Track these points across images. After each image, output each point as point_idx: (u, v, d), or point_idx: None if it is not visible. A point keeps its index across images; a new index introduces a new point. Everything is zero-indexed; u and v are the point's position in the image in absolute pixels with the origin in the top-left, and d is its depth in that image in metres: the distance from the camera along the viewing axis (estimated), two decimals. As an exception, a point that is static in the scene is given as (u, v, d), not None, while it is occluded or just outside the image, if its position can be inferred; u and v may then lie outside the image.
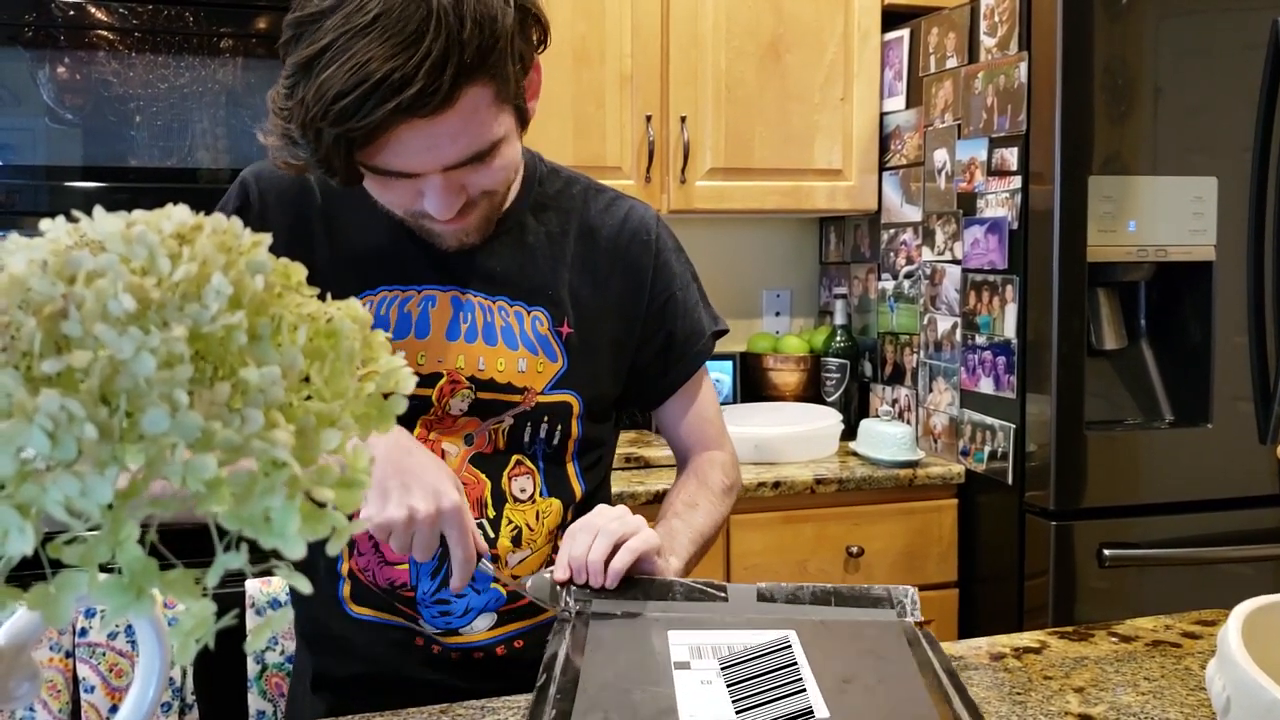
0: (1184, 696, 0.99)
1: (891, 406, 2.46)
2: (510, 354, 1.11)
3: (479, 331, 1.11)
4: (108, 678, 1.54)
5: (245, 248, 0.39)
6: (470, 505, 1.09)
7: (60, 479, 0.32)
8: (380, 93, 0.84)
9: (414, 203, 0.98)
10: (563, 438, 1.14)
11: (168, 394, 0.34)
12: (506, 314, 1.12)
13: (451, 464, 1.10)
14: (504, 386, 1.11)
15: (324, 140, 0.86)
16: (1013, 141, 2.04)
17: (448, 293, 1.11)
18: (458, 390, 1.10)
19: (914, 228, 2.37)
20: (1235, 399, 2.05)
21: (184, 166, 1.93)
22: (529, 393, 1.12)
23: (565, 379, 1.13)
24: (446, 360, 1.09)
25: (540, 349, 1.13)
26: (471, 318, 1.11)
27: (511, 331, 1.12)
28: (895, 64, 2.42)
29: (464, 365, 1.10)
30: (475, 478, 1.11)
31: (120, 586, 0.35)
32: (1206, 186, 2.01)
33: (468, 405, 1.10)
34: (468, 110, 0.90)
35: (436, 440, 1.10)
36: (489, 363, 1.11)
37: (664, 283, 1.20)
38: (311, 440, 0.36)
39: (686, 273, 1.24)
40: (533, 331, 1.13)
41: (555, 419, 1.13)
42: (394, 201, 0.99)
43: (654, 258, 1.19)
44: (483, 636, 1.10)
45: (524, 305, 1.13)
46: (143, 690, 0.46)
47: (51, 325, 0.34)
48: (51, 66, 1.86)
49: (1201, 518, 2.04)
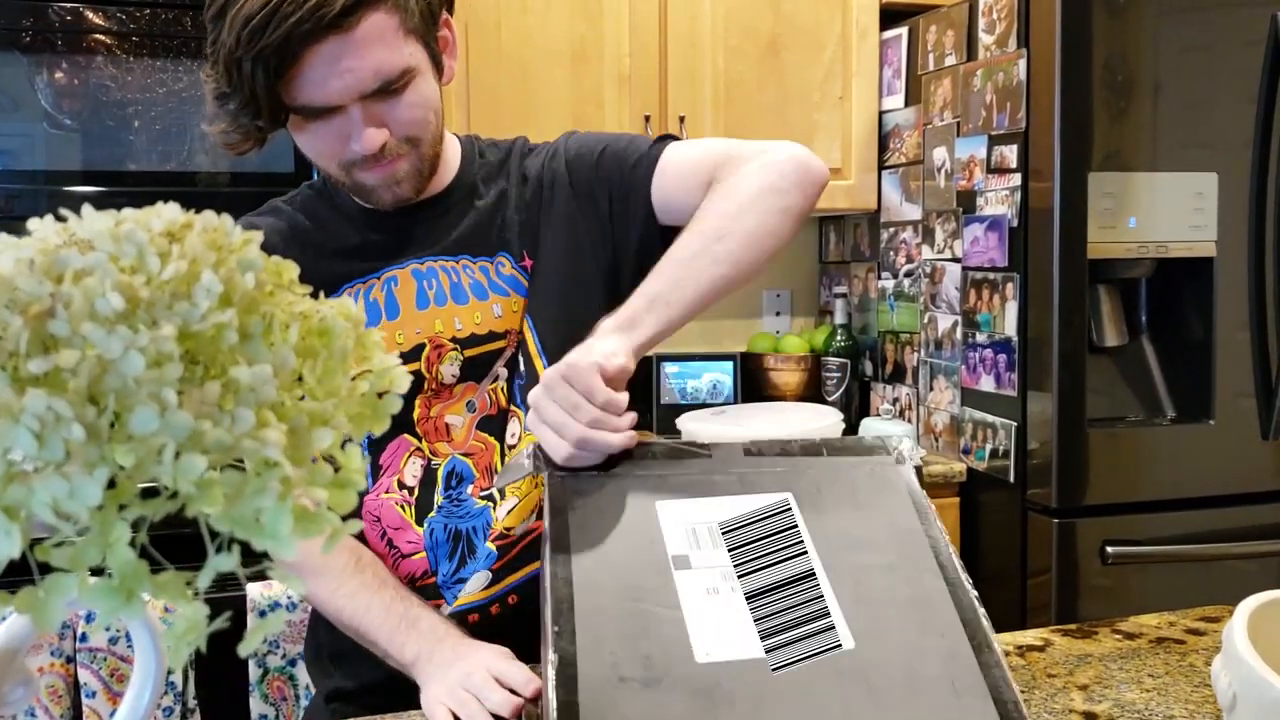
0: (1189, 693, 0.99)
1: (892, 405, 2.45)
2: (482, 304, 1.12)
3: (448, 294, 1.12)
4: (109, 682, 1.54)
5: (236, 245, 0.39)
6: (480, 474, 1.11)
7: (48, 480, 0.32)
8: (283, 11, 0.92)
9: (342, 149, 1.02)
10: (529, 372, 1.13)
11: (157, 393, 0.33)
12: (471, 270, 1.14)
13: (458, 435, 1.11)
14: (485, 336, 1.12)
15: (244, 74, 0.94)
16: (1012, 139, 2.03)
17: (406, 268, 1.13)
18: (444, 354, 1.11)
19: (914, 226, 2.36)
20: (1237, 395, 2.04)
21: (182, 170, 1.93)
22: (511, 334, 1.13)
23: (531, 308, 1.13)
24: (424, 330, 1.11)
25: (511, 289, 1.14)
26: (437, 283, 1.12)
27: (480, 286, 1.13)
28: (894, 62, 2.41)
29: (442, 329, 1.11)
30: (484, 443, 1.12)
31: (110, 590, 0.34)
32: (1207, 182, 2.01)
33: (459, 369, 1.11)
34: (372, 35, 0.97)
35: (439, 415, 1.11)
36: (465, 320, 1.12)
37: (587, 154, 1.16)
38: (304, 440, 0.36)
39: (602, 136, 1.19)
40: (499, 276, 1.14)
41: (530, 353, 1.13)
42: (323, 151, 1.04)
43: (565, 151, 1.17)
44: (478, 596, 1.10)
45: (486, 258, 1.14)
46: (138, 694, 0.45)
47: (39, 325, 0.34)
48: (49, 72, 1.86)
49: (1204, 514, 2.03)
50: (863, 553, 0.81)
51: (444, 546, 1.10)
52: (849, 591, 0.77)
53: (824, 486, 0.87)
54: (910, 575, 0.80)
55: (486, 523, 1.10)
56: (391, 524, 1.11)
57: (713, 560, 0.79)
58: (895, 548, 0.82)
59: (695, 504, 0.83)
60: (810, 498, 0.84)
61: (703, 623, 0.74)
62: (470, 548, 1.11)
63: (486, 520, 1.10)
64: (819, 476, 0.88)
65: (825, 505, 0.85)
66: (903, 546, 0.82)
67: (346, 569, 1.08)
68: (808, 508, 0.84)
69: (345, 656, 1.14)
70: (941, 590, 0.78)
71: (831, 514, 0.84)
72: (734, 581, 0.78)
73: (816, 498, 0.85)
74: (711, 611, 0.75)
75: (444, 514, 1.11)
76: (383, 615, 1.05)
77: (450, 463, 1.11)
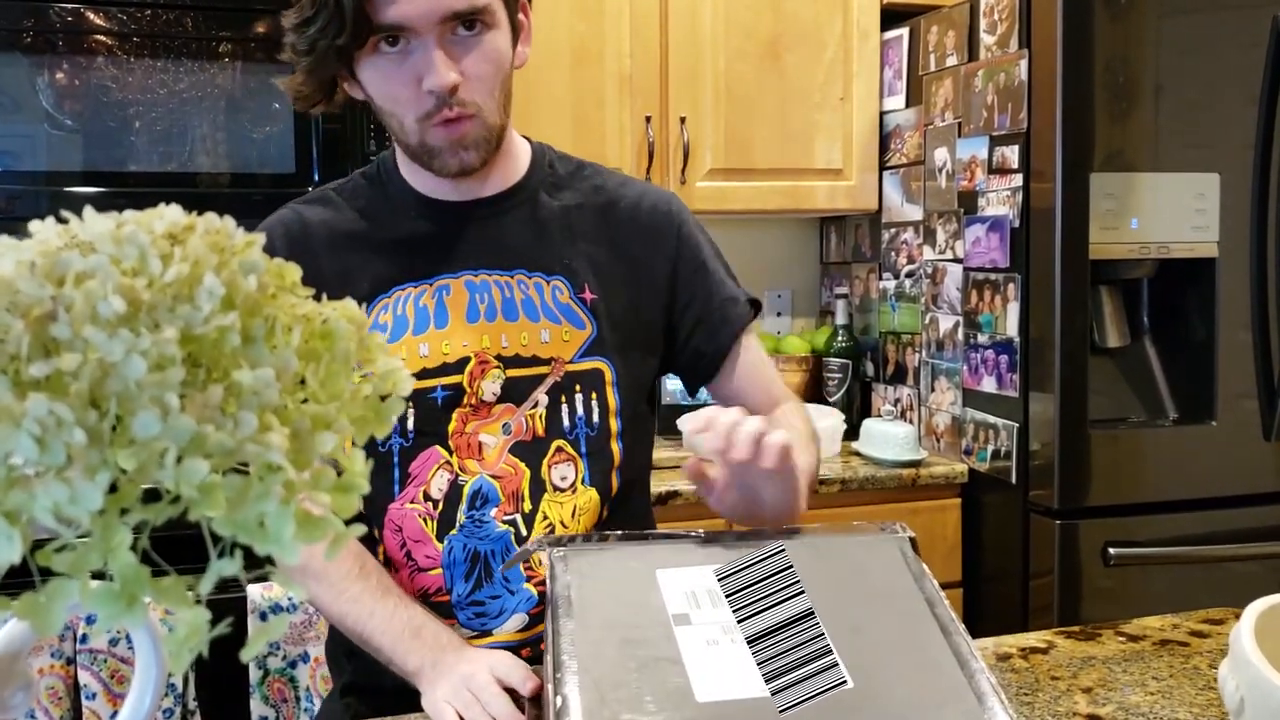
0: (1193, 696, 0.99)
1: (894, 406, 2.45)
2: (532, 326, 1.11)
3: (499, 309, 1.11)
4: (109, 684, 1.54)
5: (238, 247, 0.38)
6: (506, 499, 1.10)
7: (49, 485, 0.32)
8: None
9: (415, 92, 1.03)
10: (602, 412, 1.13)
11: (159, 397, 0.33)
12: (525, 286, 1.12)
13: (490, 456, 1.10)
14: (530, 360, 1.11)
15: None
16: (1013, 139, 2.03)
17: (460, 278, 1.12)
18: (488, 371, 1.10)
19: (915, 227, 2.36)
20: (1239, 396, 2.04)
21: (184, 171, 1.93)
22: (557, 362, 1.11)
23: (595, 345, 1.13)
24: (471, 344, 1.10)
25: (564, 318, 1.12)
26: (489, 297, 1.11)
27: (532, 304, 1.12)
28: (895, 63, 2.41)
29: (489, 344, 1.10)
30: (514, 468, 1.10)
31: (112, 595, 0.34)
32: (1209, 183, 2.00)
33: (500, 387, 1.10)
34: None
35: (474, 433, 1.10)
36: (512, 339, 1.11)
37: (691, 251, 1.20)
38: (307, 443, 0.36)
39: (711, 246, 1.23)
40: (554, 301, 1.13)
41: (589, 388, 1.12)
42: (397, 95, 1.04)
43: (677, 228, 1.20)
44: (513, 637, 1.10)
45: (542, 275, 1.13)
46: (139, 698, 0.45)
47: (40, 328, 0.33)
48: (50, 72, 1.86)
49: (1206, 515, 2.03)
50: (857, 602, 0.82)
51: (461, 566, 1.09)
52: (845, 634, 0.78)
53: (819, 546, 0.89)
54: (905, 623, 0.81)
55: (507, 547, 1.09)
56: (412, 536, 1.10)
57: (713, 618, 0.81)
58: (890, 598, 0.84)
59: (693, 570, 0.86)
60: (803, 555, 0.87)
61: (704, 668, 0.76)
62: (487, 571, 1.09)
63: (507, 544, 1.09)
64: (814, 541, 0.91)
65: (819, 561, 0.87)
66: (897, 598, 0.83)
67: (350, 574, 1.07)
68: (802, 561, 0.86)
69: (359, 653, 1.14)
70: (936, 632, 0.79)
71: (825, 568, 0.86)
72: (735, 634, 0.79)
73: (811, 555, 0.87)
74: (713, 659, 0.77)
75: (465, 533, 1.09)
76: (386, 622, 1.04)
77: (477, 482, 1.10)
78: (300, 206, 1.17)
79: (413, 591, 1.10)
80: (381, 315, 1.10)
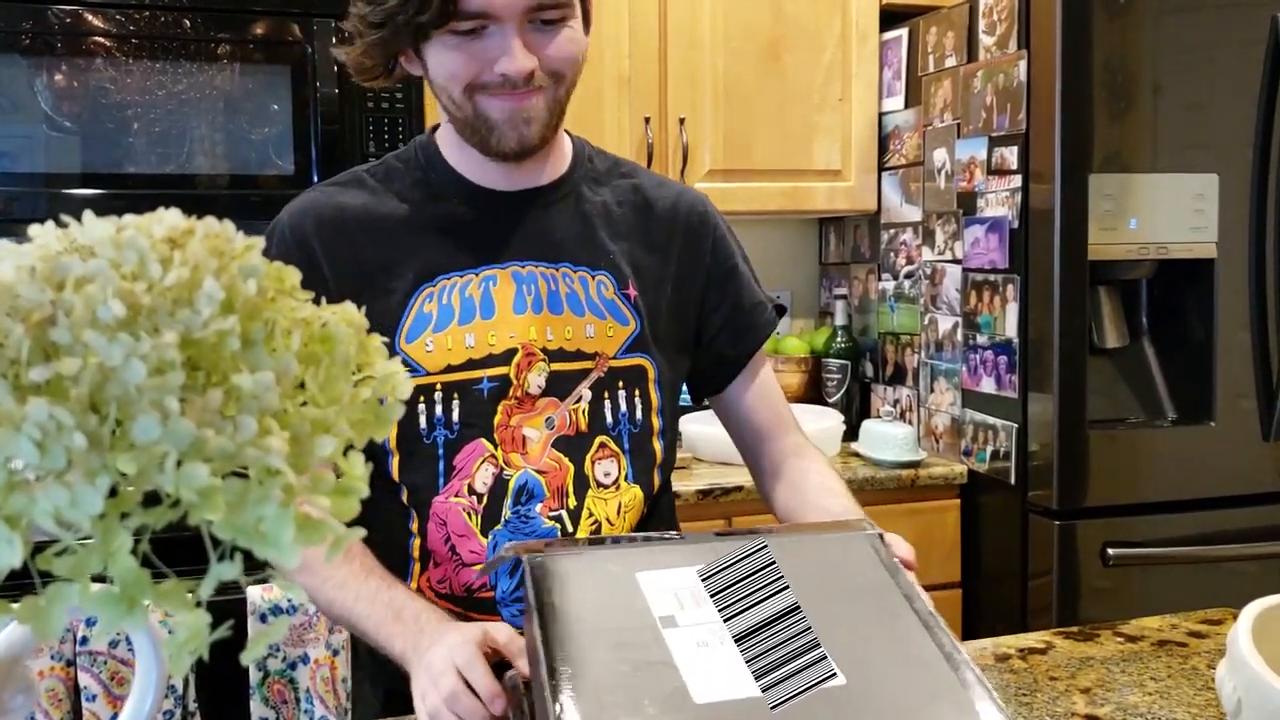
0: (1191, 696, 0.99)
1: (893, 407, 2.45)
2: (577, 320, 1.11)
3: (544, 302, 1.10)
4: (109, 686, 1.54)
5: (238, 251, 0.38)
6: (551, 495, 1.09)
7: (49, 489, 0.32)
8: None
9: (481, 70, 1.01)
10: (645, 409, 1.13)
11: (159, 401, 0.33)
12: (570, 280, 1.12)
13: (534, 450, 1.09)
14: (574, 354, 1.10)
15: None
16: (1012, 140, 2.03)
17: (507, 269, 1.11)
18: (534, 364, 1.09)
19: (914, 227, 2.36)
20: (1238, 396, 2.04)
21: (182, 173, 1.93)
22: (601, 358, 1.11)
23: (638, 342, 1.13)
24: (518, 335, 1.09)
25: (608, 313, 1.12)
26: (535, 289, 1.10)
27: (576, 298, 1.12)
28: (894, 63, 2.41)
29: (535, 337, 1.09)
30: (558, 463, 1.09)
31: (112, 598, 0.34)
32: (1207, 183, 2.00)
33: (545, 380, 1.09)
34: None
35: (518, 426, 1.09)
36: (557, 332, 1.10)
37: (725, 253, 1.21)
38: (306, 447, 0.36)
39: (741, 250, 1.24)
40: (598, 296, 1.12)
41: (631, 385, 1.12)
42: (458, 72, 1.03)
43: (712, 230, 1.21)
44: None
45: (587, 270, 1.13)
46: (140, 701, 0.45)
47: (40, 332, 0.34)
48: (49, 74, 1.86)
49: (1205, 516, 2.03)
50: (837, 599, 0.82)
51: (506, 562, 1.07)
52: (830, 630, 0.78)
53: (792, 546, 0.89)
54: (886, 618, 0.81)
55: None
56: (457, 530, 1.08)
57: (699, 618, 0.80)
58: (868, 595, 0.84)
59: (675, 572, 0.85)
60: (780, 555, 0.86)
61: (698, 669, 0.75)
62: None
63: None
64: (786, 541, 0.90)
65: (798, 561, 0.87)
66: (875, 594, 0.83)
67: (334, 560, 1.05)
68: (782, 560, 0.85)
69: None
70: (918, 626, 0.79)
71: (802, 566, 0.86)
72: (723, 633, 0.79)
73: (786, 555, 0.87)
74: (705, 659, 0.76)
75: (510, 529, 1.08)
76: (369, 605, 1.01)
77: (522, 477, 1.09)
78: (330, 189, 1.14)
79: (456, 587, 1.08)
80: (426, 304, 1.09)
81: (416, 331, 1.08)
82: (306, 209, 1.12)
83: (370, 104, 2.00)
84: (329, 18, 1.97)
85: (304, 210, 1.12)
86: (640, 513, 1.13)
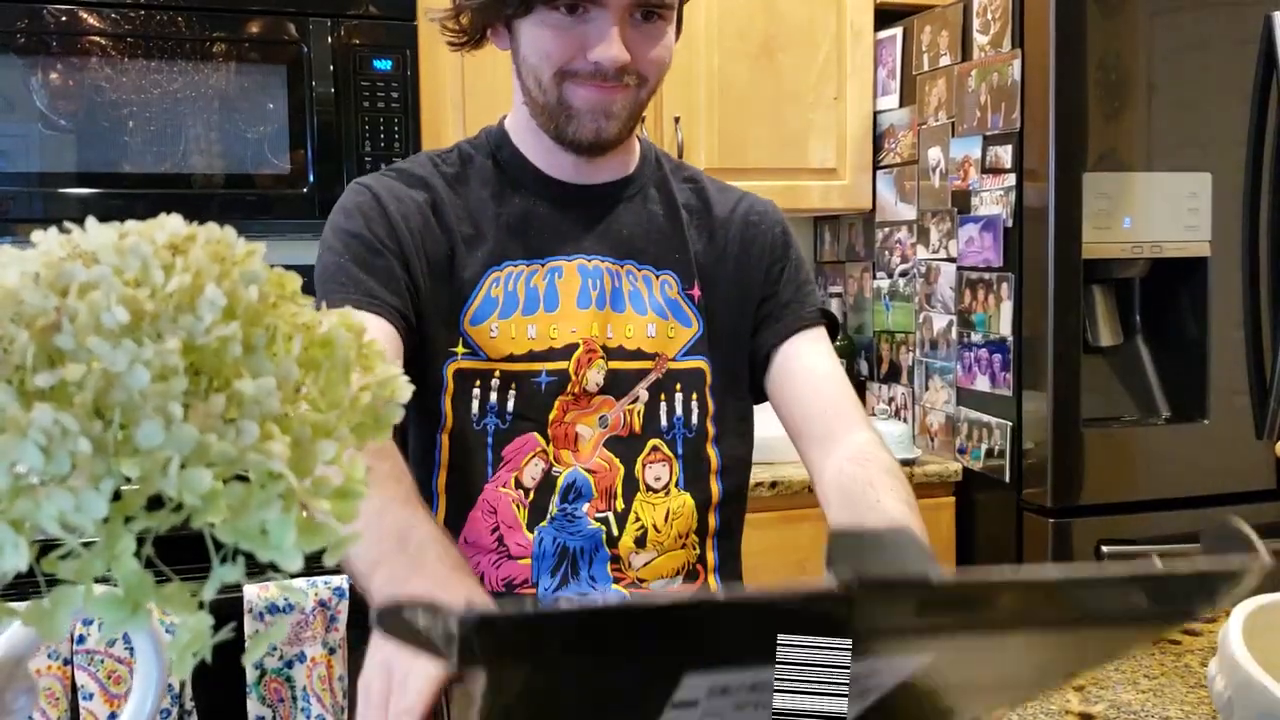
0: (1184, 694, 0.99)
1: (888, 405, 2.46)
2: (639, 319, 1.10)
3: (608, 298, 1.09)
4: (106, 685, 1.54)
5: (239, 257, 0.39)
6: (599, 495, 1.07)
7: (54, 494, 0.32)
8: None
9: (572, 55, 1.01)
10: (700, 415, 1.12)
11: (162, 407, 0.33)
12: (635, 278, 1.11)
13: (585, 448, 1.08)
14: (634, 353, 1.09)
15: None
16: (1006, 139, 2.04)
17: (573, 261, 1.10)
18: (594, 361, 1.08)
19: (908, 226, 2.37)
20: (1232, 394, 2.05)
21: (178, 172, 1.93)
22: (660, 359, 1.10)
23: (700, 344, 1.12)
24: (580, 330, 1.08)
25: (670, 313, 1.11)
26: (600, 284, 1.09)
27: (639, 296, 1.11)
28: (888, 62, 2.42)
29: (597, 333, 1.08)
30: (609, 463, 1.08)
31: (116, 601, 0.35)
32: (1201, 182, 2.01)
33: (603, 378, 1.08)
34: None
35: (572, 423, 1.08)
36: (618, 330, 1.09)
37: (788, 259, 1.18)
38: (307, 451, 0.36)
39: (801, 253, 1.21)
40: (662, 296, 1.11)
41: (689, 388, 1.11)
42: (550, 52, 1.01)
43: (780, 235, 1.18)
44: None
45: (652, 269, 1.12)
46: (140, 702, 0.46)
47: (44, 338, 0.34)
48: (44, 73, 1.86)
49: (1199, 514, 2.04)
50: None
51: (549, 559, 1.06)
52: None
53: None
54: None
55: (597, 545, 1.07)
56: (506, 521, 1.07)
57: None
58: None
59: None
60: None
61: None
62: (574, 568, 1.07)
63: (597, 543, 1.07)
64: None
65: None
66: None
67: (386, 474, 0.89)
68: None
69: None
70: None
71: None
72: None
73: None
74: None
75: (555, 526, 1.07)
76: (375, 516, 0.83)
77: (571, 474, 1.07)
78: (401, 171, 1.11)
79: (496, 580, 1.07)
80: (493, 289, 1.07)
81: (482, 316, 1.07)
82: (381, 181, 1.10)
83: (366, 103, 2.00)
84: (325, 17, 1.97)
85: (379, 181, 1.10)
86: (692, 521, 1.11)
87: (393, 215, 1.05)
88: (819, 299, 1.21)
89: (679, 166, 1.22)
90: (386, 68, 2.01)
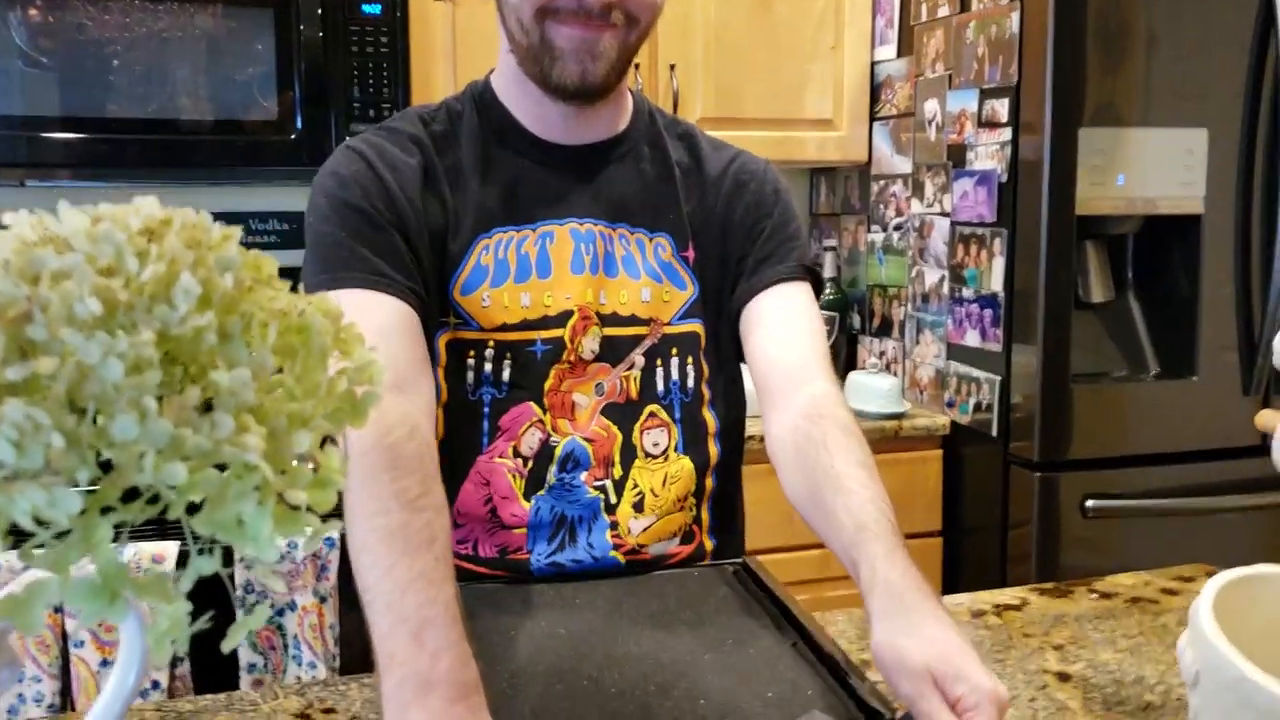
0: (1159, 654, 1.01)
1: (879, 359, 2.46)
2: (633, 284, 1.08)
3: (601, 263, 1.07)
4: (97, 632, 1.56)
5: (214, 242, 0.38)
6: (597, 464, 1.07)
7: (27, 489, 0.32)
8: None
9: None
10: (696, 378, 1.10)
11: (136, 400, 0.33)
12: (628, 242, 1.09)
13: (582, 416, 1.07)
14: (628, 319, 1.08)
15: None
16: (1003, 93, 2.02)
17: (565, 225, 1.07)
18: (589, 328, 1.06)
19: (904, 179, 2.35)
20: (1221, 350, 2.06)
21: (165, 116, 1.90)
22: (655, 324, 1.09)
23: (695, 307, 1.10)
24: (575, 297, 1.06)
25: (665, 276, 1.09)
26: (593, 249, 1.07)
27: (633, 260, 1.09)
28: (887, 12, 2.38)
29: (591, 299, 1.06)
30: (606, 430, 1.07)
31: (94, 591, 0.35)
32: (1197, 139, 2.00)
33: (598, 345, 1.07)
34: None
35: (569, 391, 1.07)
36: (611, 295, 1.07)
37: (779, 217, 1.15)
38: (283, 442, 0.36)
39: (793, 209, 1.18)
40: (655, 259, 1.09)
41: (685, 352, 1.10)
42: None
43: (772, 193, 1.15)
44: None
45: (645, 232, 1.10)
46: (123, 677, 0.46)
47: (16, 329, 0.34)
48: (23, 6, 1.82)
49: (1185, 469, 2.06)
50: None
51: (546, 528, 1.05)
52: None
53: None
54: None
55: (595, 513, 1.06)
56: (500, 492, 1.06)
57: None
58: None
59: None
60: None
61: None
62: (572, 535, 1.06)
63: (596, 510, 1.06)
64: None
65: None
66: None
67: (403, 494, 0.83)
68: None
69: None
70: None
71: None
72: None
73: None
74: None
75: (553, 495, 1.06)
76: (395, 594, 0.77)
77: (569, 443, 1.06)
78: (386, 132, 1.07)
79: (490, 547, 1.06)
80: (483, 257, 1.05)
81: (473, 285, 1.05)
82: (374, 144, 1.06)
83: (355, 47, 1.97)
84: (312, -41, 1.93)
85: (372, 146, 1.05)
86: (690, 485, 1.11)
87: (390, 185, 1.02)
88: (807, 256, 1.18)
89: (674, 122, 1.19)
90: (376, 12, 1.97)
